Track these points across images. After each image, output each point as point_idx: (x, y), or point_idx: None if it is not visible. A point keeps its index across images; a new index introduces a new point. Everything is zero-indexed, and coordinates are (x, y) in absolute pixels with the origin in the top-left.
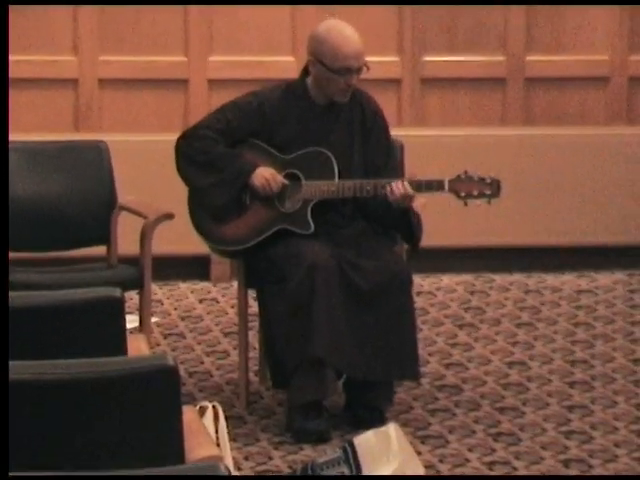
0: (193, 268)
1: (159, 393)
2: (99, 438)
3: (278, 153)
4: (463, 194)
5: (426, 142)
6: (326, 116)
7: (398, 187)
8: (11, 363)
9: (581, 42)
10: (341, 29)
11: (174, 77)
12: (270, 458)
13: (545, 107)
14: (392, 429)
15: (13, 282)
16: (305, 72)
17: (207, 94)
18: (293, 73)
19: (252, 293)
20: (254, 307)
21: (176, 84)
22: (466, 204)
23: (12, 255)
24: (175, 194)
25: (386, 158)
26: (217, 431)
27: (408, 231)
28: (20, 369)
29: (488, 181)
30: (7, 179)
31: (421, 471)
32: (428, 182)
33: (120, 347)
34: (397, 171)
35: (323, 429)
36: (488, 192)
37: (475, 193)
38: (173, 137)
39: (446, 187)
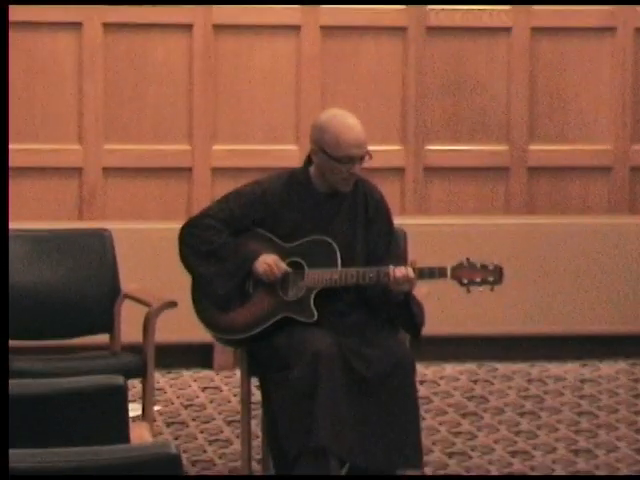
0: (196, 356)
1: None
2: None
3: (281, 242)
4: (466, 281)
5: (429, 231)
6: (329, 204)
7: (400, 270)
8: (13, 452)
9: (583, 132)
10: (343, 118)
11: (178, 166)
12: None
13: (548, 196)
14: None
15: (16, 370)
16: (308, 161)
17: (210, 182)
18: (296, 162)
19: (255, 381)
20: (257, 395)
21: (180, 173)
22: (469, 291)
23: (15, 343)
24: (178, 282)
25: (388, 247)
26: None
27: (409, 319)
28: (22, 458)
29: (491, 268)
30: (7, 266)
31: None
32: (431, 269)
33: (123, 435)
34: (400, 259)
35: None
36: (491, 279)
37: (478, 280)
38: (176, 225)
39: (449, 274)
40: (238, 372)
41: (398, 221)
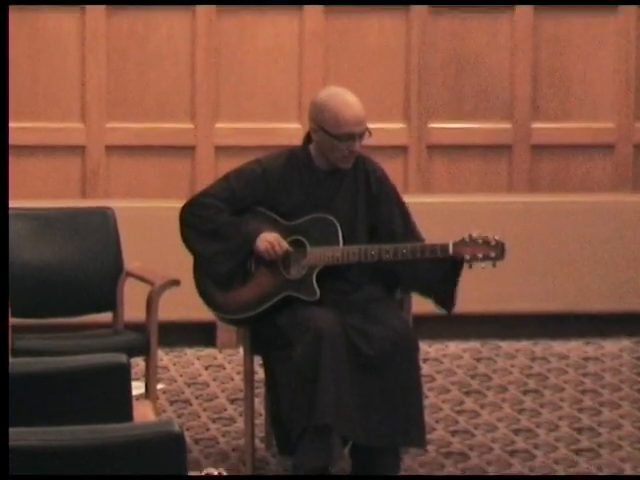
0: (199, 334)
1: (165, 460)
2: None
3: (282, 220)
4: (468, 257)
5: (432, 209)
6: (329, 182)
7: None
8: (17, 429)
9: (587, 110)
10: (342, 95)
11: (181, 144)
12: None
13: (551, 174)
14: None
15: (18, 348)
16: (308, 139)
17: (213, 161)
18: (300, 140)
19: (258, 359)
20: (260, 373)
21: (183, 151)
22: (471, 267)
23: (18, 321)
24: (181, 260)
25: (403, 220)
26: None
27: (449, 293)
28: (26, 436)
29: (493, 243)
30: (7, 244)
31: None
32: (432, 246)
33: (126, 413)
34: (417, 231)
35: None
36: (493, 254)
37: (480, 256)
38: (179, 203)
39: (450, 250)
40: (241, 350)
41: None
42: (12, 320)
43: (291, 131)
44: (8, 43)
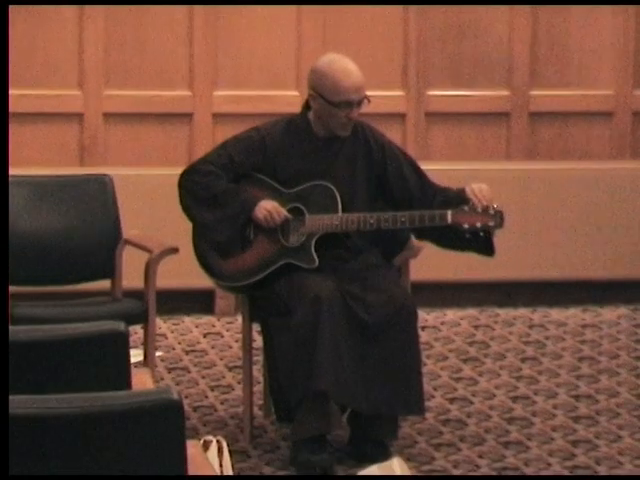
0: (197, 302)
1: (163, 427)
2: (102, 473)
3: (281, 187)
4: (466, 226)
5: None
6: (328, 150)
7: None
8: (15, 397)
9: (586, 77)
10: (341, 63)
11: (179, 111)
12: None
13: (549, 142)
14: (396, 463)
15: (17, 316)
16: (307, 106)
17: (212, 128)
18: (297, 107)
19: (256, 327)
20: (258, 341)
21: (181, 118)
22: (469, 235)
23: (16, 289)
24: (180, 228)
25: (415, 174)
26: (221, 465)
27: (487, 242)
28: (24, 403)
29: (491, 212)
30: (6, 211)
31: None
32: (431, 214)
33: (124, 381)
34: (432, 181)
35: (327, 463)
36: (491, 223)
37: (478, 225)
38: (178, 171)
39: (449, 219)
40: (239, 318)
41: None
42: (11, 288)
43: (289, 98)
44: (8, 11)
